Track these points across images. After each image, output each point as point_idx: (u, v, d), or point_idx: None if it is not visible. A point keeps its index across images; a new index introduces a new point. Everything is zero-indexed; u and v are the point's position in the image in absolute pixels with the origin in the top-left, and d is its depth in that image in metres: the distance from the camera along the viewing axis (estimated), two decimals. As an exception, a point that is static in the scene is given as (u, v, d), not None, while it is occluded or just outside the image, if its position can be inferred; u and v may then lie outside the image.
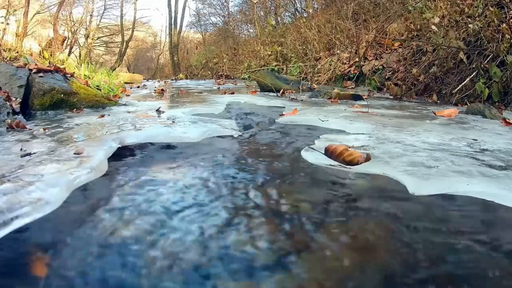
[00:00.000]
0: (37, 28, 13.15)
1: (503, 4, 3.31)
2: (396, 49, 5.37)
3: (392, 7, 5.66)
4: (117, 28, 21.62)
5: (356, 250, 0.69)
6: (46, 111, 2.35)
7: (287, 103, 3.21)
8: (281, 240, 0.71)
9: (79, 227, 0.75)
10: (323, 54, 6.92)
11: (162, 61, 25.01)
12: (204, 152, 1.38)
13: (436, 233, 0.74)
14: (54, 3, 14.81)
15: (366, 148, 1.34)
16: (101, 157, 1.17)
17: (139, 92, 5.21)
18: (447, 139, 1.52)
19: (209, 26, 20.75)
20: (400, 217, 0.82)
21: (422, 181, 0.98)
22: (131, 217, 0.80)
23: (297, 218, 0.81)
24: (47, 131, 1.67)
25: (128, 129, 1.63)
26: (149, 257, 0.64)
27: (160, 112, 2.33)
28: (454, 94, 3.46)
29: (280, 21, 12.17)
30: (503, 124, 2.04)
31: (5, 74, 2.35)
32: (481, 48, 3.34)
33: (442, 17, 3.95)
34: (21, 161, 1.09)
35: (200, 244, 0.68)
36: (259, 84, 4.89)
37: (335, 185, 1.03)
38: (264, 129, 1.95)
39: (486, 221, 0.82)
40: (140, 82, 10.27)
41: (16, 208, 0.75)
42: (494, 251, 0.68)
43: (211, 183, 1.03)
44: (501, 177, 1.00)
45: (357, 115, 2.27)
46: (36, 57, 3.88)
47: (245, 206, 0.87)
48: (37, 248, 0.68)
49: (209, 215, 0.81)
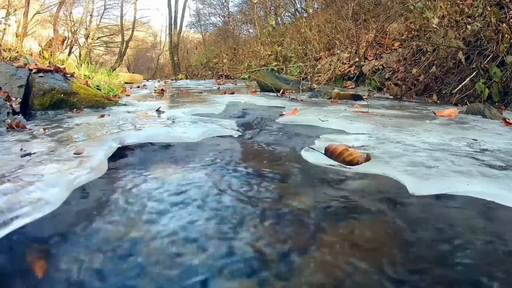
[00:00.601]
0: (37, 28, 13.15)
1: (503, 4, 3.32)
2: (396, 49, 5.37)
3: (392, 7, 5.66)
4: (117, 28, 21.64)
5: (356, 250, 0.69)
6: (46, 111, 2.35)
7: (287, 103, 3.21)
8: (280, 240, 0.71)
9: (79, 227, 0.75)
10: (323, 54, 6.92)
11: (162, 61, 25.02)
12: (204, 152, 1.38)
13: (436, 233, 0.74)
14: (54, 3, 14.83)
15: (366, 148, 1.34)
16: (101, 157, 1.17)
17: (139, 92, 5.21)
18: (447, 139, 1.52)
19: (209, 26, 20.79)
20: (400, 217, 0.82)
21: (422, 181, 0.98)
22: (131, 217, 0.80)
23: (297, 218, 0.81)
24: (47, 131, 1.67)
25: (128, 129, 1.63)
26: (149, 257, 0.64)
27: (160, 112, 2.33)
28: (454, 94, 3.46)
29: (280, 21, 12.18)
30: (503, 124, 2.04)
31: (5, 74, 2.35)
32: (481, 48, 3.34)
33: (442, 17, 3.95)
34: (21, 161, 1.09)
35: (199, 244, 0.68)
36: (259, 84, 4.89)
37: (335, 185, 1.03)
38: (264, 129, 1.95)
39: (486, 221, 0.82)
40: (140, 82, 10.28)
41: (16, 208, 0.75)
42: (494, 251, 0.68)
43: (210, 183, 1.03)
44: (501, 177, 1.00)
45: (357, 115, 2.27)
46: (36, 57, 3.88)
47: (245, 206, 0.87)
48: (37, 248, 0.68)
49: (208, 215, 0.81)
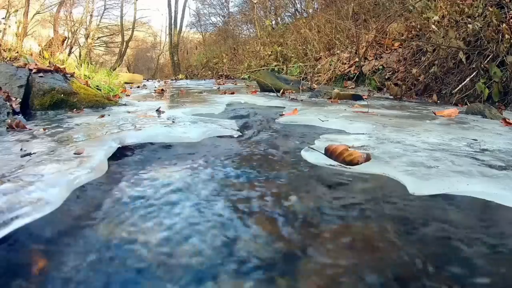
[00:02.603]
0: (37, 28, 13.16)
1: (503, 4, 3.32)
2: (396, 49, 5.37)
3: (392, 7, 5.66)
4: (117, 28, 21.65)
5: (356, 250, 0.69)
6: (46, 111, 2.35)
7: (287, 103, 3.21)
8: (279, 240, 0.71)
9: (79, 227, 0.75)
10: (323, 54, 6.92)
11: (162, 61, 25.02)
12: (204, 152, 1.38)
13: (436, 233, 0.74)
14: (54, 3, 14.83)
15: (366, 148, 1.34)
16: (101, 157, 1.17)
17: (139, 92, 5.21)
18: (447, 139, 1.52)
19: (209, 26, 20.80)
20: (400, 217, 0.82)
21: (422, 181, 0.98)
22: (131, 217, 0.80)
23: (297, 218, 0.81)
24: (47, 131, 1.67)
25: (128, 129, 1.63)
26: (149, 257, 0.64)
27: (160, 112, 2.33)
28: (454, 94, 3.46)
29: (280, 21, 12.18)
30: (503, 124, 2.04)
31: (5, 74, 2.35)
32: (481, 48, 3.34)
33: (442, 17, 3.95)
34: (21, 161, 1.09)
35: (199, 244, 0.68)
36: (259, 84, 4.89)
37: (335, 185, 1.03)
38: (264, 129, 1.95)
39: (486, 221, 0.82)
40: (140, 82, 10.27)
41: (16, 208, 0.75)
42: (494, 251, 0.68)
43: (210, 183, 1.03)
44: (501, 177, 1.00)
45: (357, 115, 2.27)
46: (36, 57, 3.87)
47: (245, 206, 0.87)
48: (37, 248, 0.68)
49: (207, 215, 0.81)
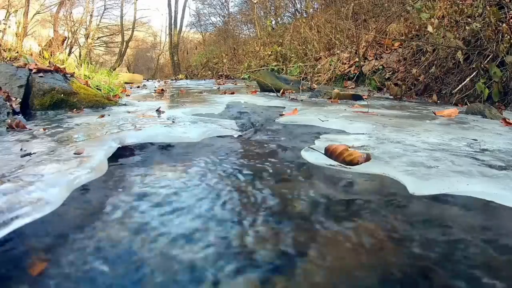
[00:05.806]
0: (37, 28, 13.16)
1: (502, 4, 3.32)
2: (396, 49, 5.37)
3: (391, 7, 5.66)
4: (117, 28, 21.65)
5: (356, 250, 0.69)
6: (46, 111, 2.35)
7: (287, 103, 3.21)
8: (279, 240, 0.71)
9: (79, 227, 0.75)
10: (323, 54, 6.92)
11: (162, 61, 25.03)
12: (204, 152, 1.38)
13: (436, 233, 0.74)
14: (54, 3, 14.83)
15: (366, 148, 1.34)
16: (101, 157, 1.17)
17: (139, 92, 5.21)
18: (447, 139, 1.52)
19: (209, 26, 20.82)
20: (400, 217, 0.82)
21: (422, 181, 0.98)
22: (131, 217, 0.80)
23: (297, 218, 0.81)
24: (47, 131, 1.67)
25: (128, 129, 1.63)
26: (149, 256, 0.64)
27: (160, 112, 2.33)
28: (454, 94, 3.46)
29: (280, 21, 12.18)
30: (503, 124, 2.04)
31: (5, 74, 2.35)
32: (481, 48, 3.34)
33: (441, 17, 3.95)
34: (21, 161, 1.09)
35: (199, 244, 0.68)
36: (259, 84, 4.89)
37: (335, 185, 1.03)
38: (264, 129, 1.95)
39: (486, 221, 0.82)
40: (140, 82, 10.28)
41: (16, 208, 0.75)
42: (494, 251, 0.68)
43: (210, 183, 1.03)
44: (501, 177, 1.00)
45: (357, 115, 2.27)
46: (36, 57, 3.87)
47: (245, 206, 0.87)
48: (37, 248, 0.68)
49: (207, 214, 0.81)
